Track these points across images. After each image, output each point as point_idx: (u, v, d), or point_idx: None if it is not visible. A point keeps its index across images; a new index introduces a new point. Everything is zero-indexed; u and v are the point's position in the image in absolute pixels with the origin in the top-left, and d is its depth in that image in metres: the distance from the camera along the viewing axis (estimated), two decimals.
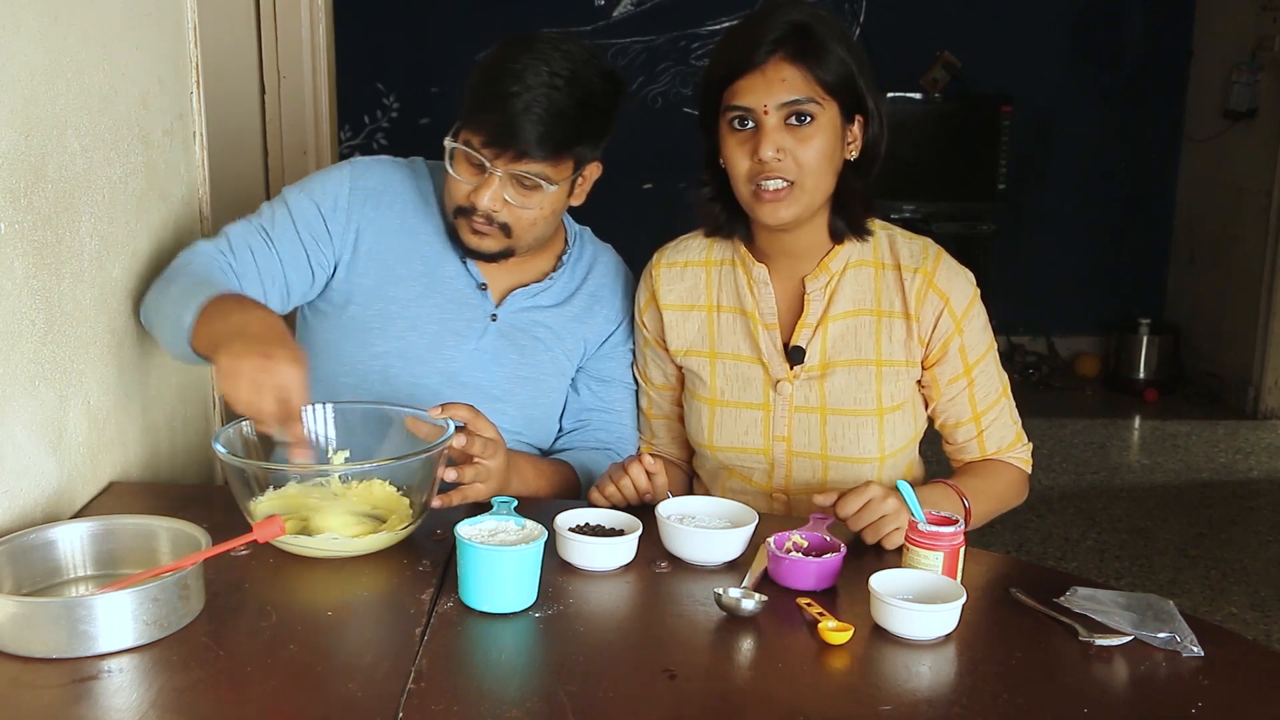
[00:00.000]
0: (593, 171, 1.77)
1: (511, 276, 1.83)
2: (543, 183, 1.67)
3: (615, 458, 1.87)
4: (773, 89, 1.60)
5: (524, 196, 1.69)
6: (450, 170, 1.70)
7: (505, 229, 1.71)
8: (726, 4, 5.20)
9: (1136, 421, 5.12)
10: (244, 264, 1.71)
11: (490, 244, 1.73)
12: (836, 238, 1.73)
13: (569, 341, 1.85)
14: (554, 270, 1.85)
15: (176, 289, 1.63)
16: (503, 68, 1.63)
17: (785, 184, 1.62)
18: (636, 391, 1.92)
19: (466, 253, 1.77)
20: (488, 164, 1.66)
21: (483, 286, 1.81)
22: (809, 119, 1.61)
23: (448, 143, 1.70)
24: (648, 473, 1.60)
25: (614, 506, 1.59)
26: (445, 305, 1.79)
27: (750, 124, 1.63)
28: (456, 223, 1.74)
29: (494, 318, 1.81)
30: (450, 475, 1.56)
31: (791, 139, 1.61)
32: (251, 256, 1.72)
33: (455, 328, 1.79)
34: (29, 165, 1.42)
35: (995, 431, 1.79)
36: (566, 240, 1.89)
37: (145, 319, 1.70)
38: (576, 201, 1.79)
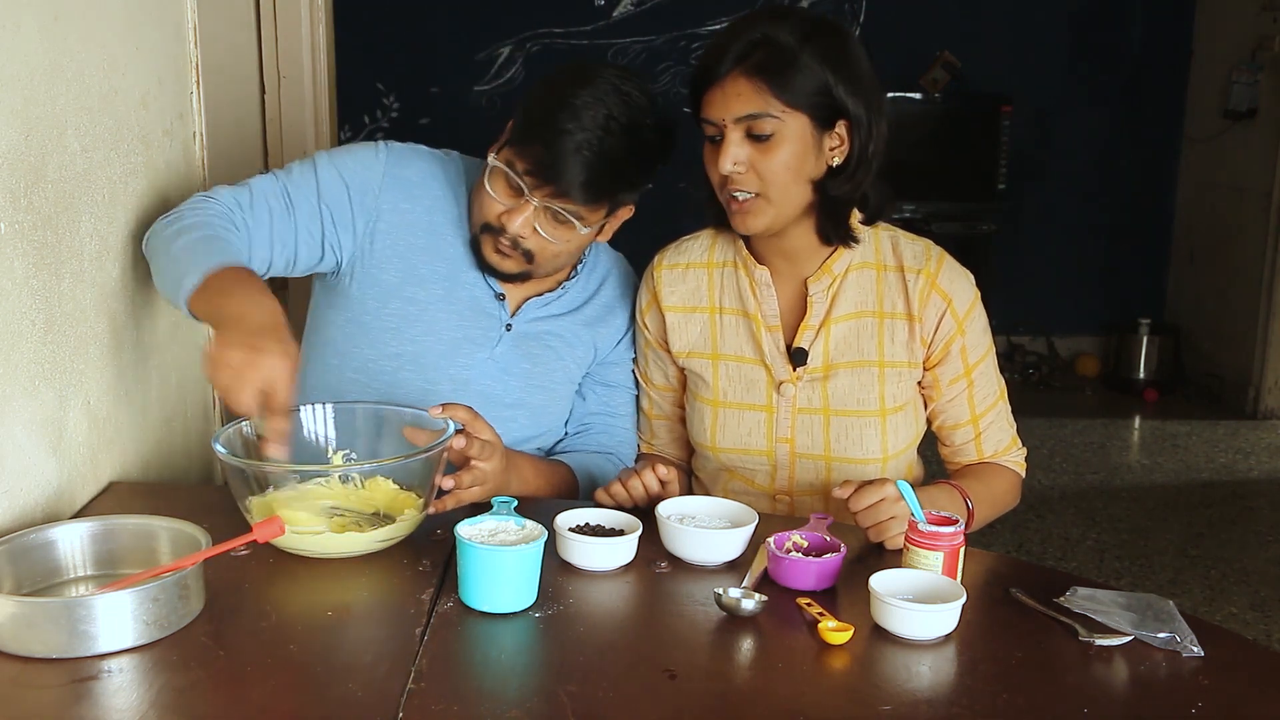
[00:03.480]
0: (625, 213, 1.75)
1: (528, 286, 1.81)
2: (576, 221, 1.66)
3: (615, 461, 1.87)
4: (729, 103, 1.60)
5: (555, 230, 1.66)
6: (486, 186, 1.67)
7: (528, 255, 1.69)
8: (726, 4, 5.18)
9: (1136, 421, 5.12)
10: (259, 223, 1.67)
11: (511, 266, 1.71)
12: (826, 241, 1.72)
13: (579, 349, 1.84)
14: (568, 278, 1.83)
15: (185, 242, 1.57)
16: (562, 99, 1.59)
17: (752, 195, 1.63)
18: (637, 394, 1.92)
19: (484, 268, 1.74)
20: (526, 191, 1.63)
21: (500, 297, 1.79)
22: (769, 133, 1.60)
23: (491, 159, 1.66)
24: (660, 481, 1.60)
25: (618, 506, 1.59)
26: (463, 312, 1.77)
27: (717, 137, 1.63)
28: (481, 238, 1.71)
29: (509, 328, 1.79)
30: (447, 484, 1.54)
31: (754, 152, 1.61)
32: (269, 217, 1.68)
33: (471, 335, 1.77)
34: (29, 165, 1.42)
35: (993, 434, 1.79)
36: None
37: (147, 251, 1.64)
38: (603, 239, 1.79)
